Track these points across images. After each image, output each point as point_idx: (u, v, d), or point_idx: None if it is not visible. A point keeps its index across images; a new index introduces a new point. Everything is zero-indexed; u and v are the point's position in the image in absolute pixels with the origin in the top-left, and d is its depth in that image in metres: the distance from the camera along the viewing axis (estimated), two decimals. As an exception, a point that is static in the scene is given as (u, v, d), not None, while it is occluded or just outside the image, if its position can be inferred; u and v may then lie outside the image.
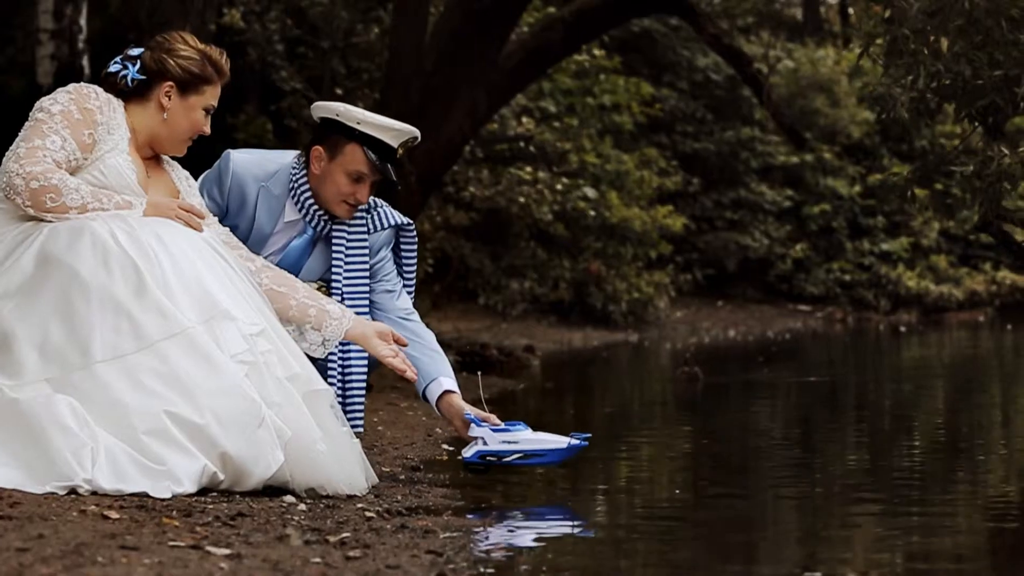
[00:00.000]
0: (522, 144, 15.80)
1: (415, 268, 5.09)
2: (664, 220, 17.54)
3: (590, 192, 16.21)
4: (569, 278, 16.63)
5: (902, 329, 18.02)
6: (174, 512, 3.84)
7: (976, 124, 8.15)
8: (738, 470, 5.63)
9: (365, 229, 4.94)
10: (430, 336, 4.98)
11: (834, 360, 13.02)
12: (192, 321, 4.19)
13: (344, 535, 3.75)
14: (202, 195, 4.89)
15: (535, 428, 4.84)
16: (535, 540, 3.94)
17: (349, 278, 4.91)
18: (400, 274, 5.03)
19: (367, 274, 4.92)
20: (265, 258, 4.89)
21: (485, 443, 4.80)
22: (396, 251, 5.05)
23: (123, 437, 4.08)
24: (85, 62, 10.73)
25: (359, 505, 4.29)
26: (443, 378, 4.88)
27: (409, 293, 5.06)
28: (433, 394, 4.88)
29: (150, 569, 3.14)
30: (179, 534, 3.57)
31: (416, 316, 5.01)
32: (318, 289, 4.98)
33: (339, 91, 13.86)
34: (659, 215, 17.49)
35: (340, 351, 4.86)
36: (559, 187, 15.90)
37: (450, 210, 14.94)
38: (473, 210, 15.65)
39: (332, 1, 13.94)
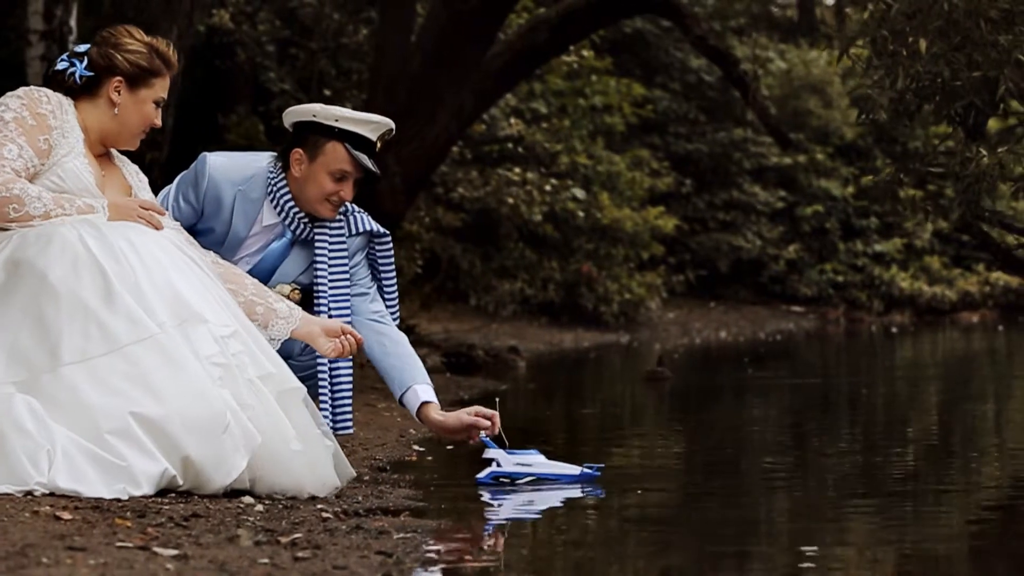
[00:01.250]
0: (510, 145, 15.81)
1: (395, 279, 5.09)
2: (655, 221, 17.55)
3: (579, 193, 16.22)
4: (560, 279, 16.64)
5: (894, 330, 18.03)
6: (128, 513, 3.85)
7: (956, 125, 8.17)
8: (696, 476, 5.63)
9: (344, 232, 4.95)
10: (403, 339, 4.99)
11: (821, 362, 13.02)
12: (163, 325, 4.19)
13: (296, 536, 3.75)
14: (177, 197, 4.90)
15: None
16: (490, 542, 3.94)
17: (333, 279, 4.92)
18: (380, 288, 5.04)
19: (348, 275, 4.93)
20: (240, 260, 4.90)
21: (499, 465, 4.89)
22: (371, 260, 5.05)
23: (87, 436, 4.08)
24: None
25: (318, 506, 4.29)
26: (417, 387, 4.91)
27: (391, 306, 5.06)
28: (411, 404, 4.92)
29: (93, 570, 3.14)
30: (129, 535, 3.57)
31: (388, 318, 5.02)
32: (291, 292, 4.99)
33: (327, 92, 13.88)
34: (650, 216, 17.49)
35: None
36: (548, 188, 15.91)
37: (439, 211, 14.94)
38: (464, 211, 15.66)
39: (321, 2, 13.96)
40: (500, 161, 16.08)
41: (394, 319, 5.08)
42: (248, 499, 4.22)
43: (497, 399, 5.15)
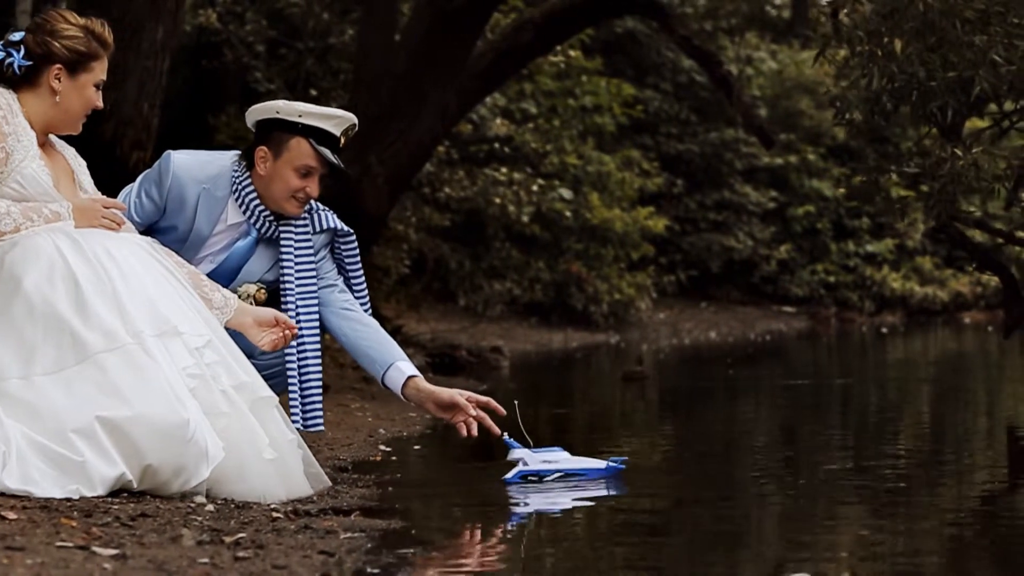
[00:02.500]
0: (496, 145, 15.81)
1: (362, 276, 5.09)
2: (645, 222, 17.54)
3: (566, 193, 16.21)
4: (550, 279, 16.64)
5: (884, 331, 18.02)
6: (75, 512, 3.85)
7: (932, 126, 8.17)
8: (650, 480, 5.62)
9: (309, 229, 4.95)
10: (375, 323, 4.99)
11: (805, 362, 13.02)
12: (140, 334, 4.21)
13: (240, 536, 3.75)
14: (140, 194, 4.91)
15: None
16: (436, 543, 3.94)
17: (300, 277, 4.92)
18: (348, 285, 5.05)
19: (315, 272, 4.94)
20: (204, 259, 4.91)
21: (526, 463, 4.93)
22: (337, 260, 5.05)
23: (49, 434, 4.09)
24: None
25: (271, 505, 4.29)
26: (400, 363, 4.87)
27: (362, 301, 5.06)
28: (396, 381, 4.86)
29: (29, 570, 3.14)
30: (72, 535, 3.57)
31: (358, 306, 5.02)
32: (257, 291, 4.99)
33: (314, 92, 13.88)
34: (640, 216, 17.49)
35: (297, 348, 4.87)
36: (535, 188, 15.91)
37: (426, 211, 14.94)
38: (453, 211, 15.66)
39: (308, 2, 13.95)
40: (488, 161, 16.08)
41: (365, 312, 5.07)
42: (200, 499, 4.23)
43: (516, 401, 5.14)
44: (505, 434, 4.98)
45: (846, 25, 8.18)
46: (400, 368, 4.84)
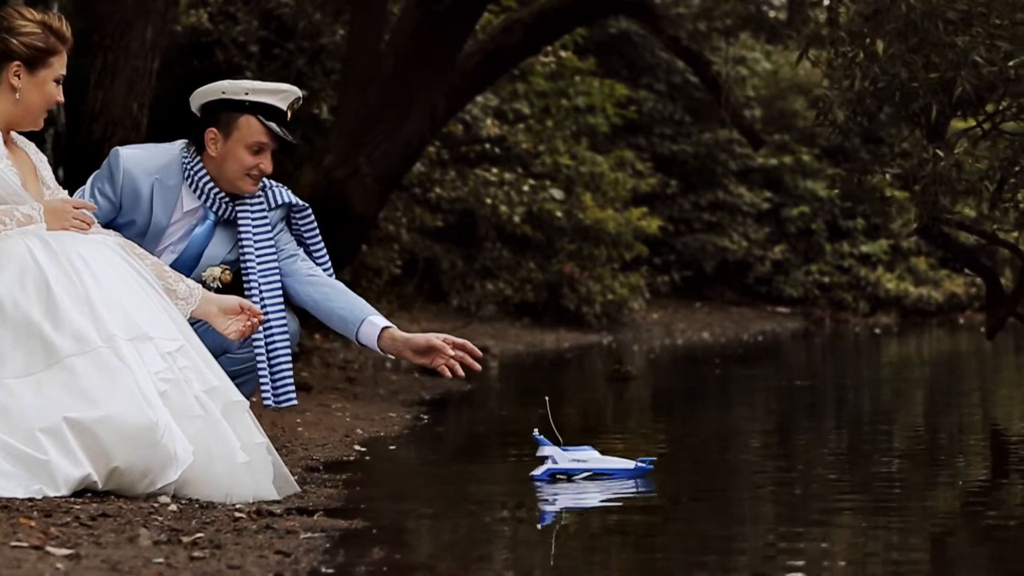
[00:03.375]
0: (487, 146, 15.80)
1: (323, 248, 5.10)
2: (638, 222, 17.54)
3: (557, 193, 16.21)
4: (542, 280, 16.63)
5: (877, 331, 18.02)
6: (35, 512, 3.85)
7: (915, 127, 8.17)
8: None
9: (264, 206, 4.99)
10: (341, 285, 4.99)
11: (797, 363, 13.01)
12: (113, 339, 4.22)
13: (199, 536, 3.75)
14: (93, 193, 4.92)
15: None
16: (396, 544, 3.94)
17: (260, 253, 4.95)
18: (310, 256, 5.06)
19: (274, 247, 4.97)
20: (164, 249, 4.92)
21: (555, 462, 4.97)
22: (297, 235, 5.07)
23: (15, 433, 4.10)
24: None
25: (236, 505, 4.29)
26: (371, 317, 4.87)
27: (326, 271, 5.08)
28: (370, 336, 4.84)
29: (-20, 569, 3.14)
30: (29, 535, 3.58)
31: (321, 272, 5.02)
32: (222, 273, 5.01)
33: (304, 92, 13.86)
34: (633, 217, 17.48)
35: (262, 328, 4.89)
36: (526, 188, 15.90)
37: (417, 211, 14.93)
38: (445, 212, 15.65)
39: (299, 2, 13.96)
40: (479, 162, 16.08)
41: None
42: (164, 499, 4.23)
43: (547, 397, 5.19)
44: (535, 431, 5.02)
45: (827, 26, 8.19)
46: (372, 322, 4.84)
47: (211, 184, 4.87)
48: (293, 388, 4.97)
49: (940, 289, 20.54)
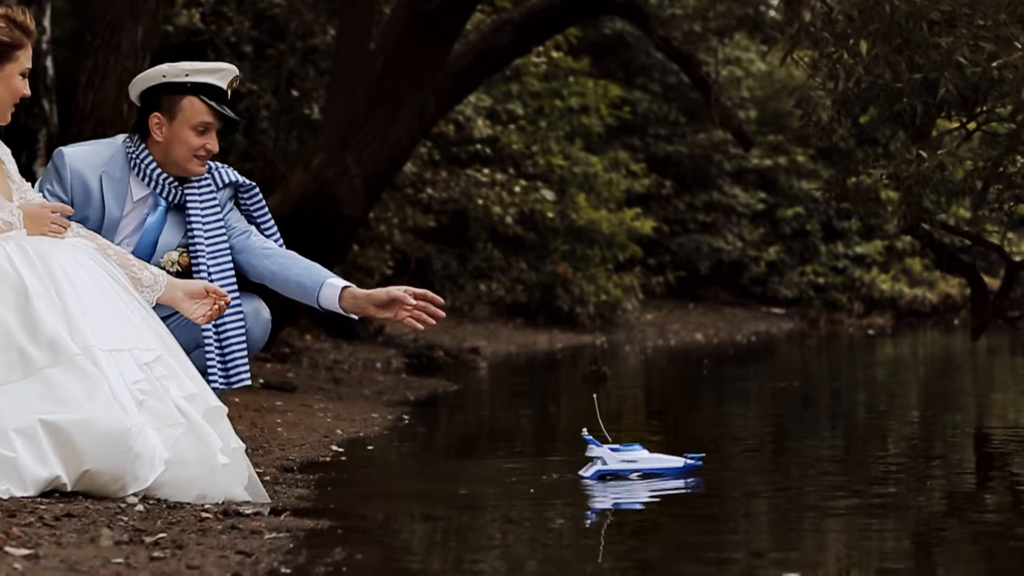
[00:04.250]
0: (478, 146, 15.79)
1: (273, 225, 5.12)
2: (632, 223, 17.52)
3: (548, 194, 16.19)
4: (535, 280, 16.62)
5: (870, 332, 18.00)
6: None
7: (900, 127, 8.16)
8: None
9: (212, 187, 5.02)
10: (296, 255, 5.00)
11: (786, 365, 13.00)
12: (90, 349, 4.23)
13: (162, 536, 3.75)
14: (44, 196, 4.92)
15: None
16: (359, 544, 3.93)
17: (209, 236, 4.98)
18: (261, 232, 5.08)
19: (223, 228, 4.99)
20: (121, 242, 4.93)
21: (605, 463, 5.02)
22: (246, 214, 5.09)
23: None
24: (48, 63, 10.75)
25: (206, 506, 4.29)
26: (330, 280, 4.88)
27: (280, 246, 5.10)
28: (331, 299, 4.84)
29: (-64, 569, 3.15)
30: (-9, 534, 3.58)
31: (275, 245, 5.04)
32: (180, 256, 5.02)
33: (295, 92, 13.89)
34: (627, 218, 17.46)
35: None
36: (517, 189, 15.89)
37: (408, 211, 14.92)
38: (439, 212, 15.64)
39: (289, 2, 13.96)
40: (471, 162, 16.07)
41: None
42: (132, 499, 4.23)
43: (595, 395, 5.22)
44: (584, 430, 5.06)
45: (815, 26, 8.18)
46: (332, 284, 4.85)
47: (158, 170, 4.90)
48: (247, 368, 4.93)
49: (935, 290, 20.51)
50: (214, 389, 4.64)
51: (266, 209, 5.08)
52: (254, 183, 5.07)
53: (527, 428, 7.46)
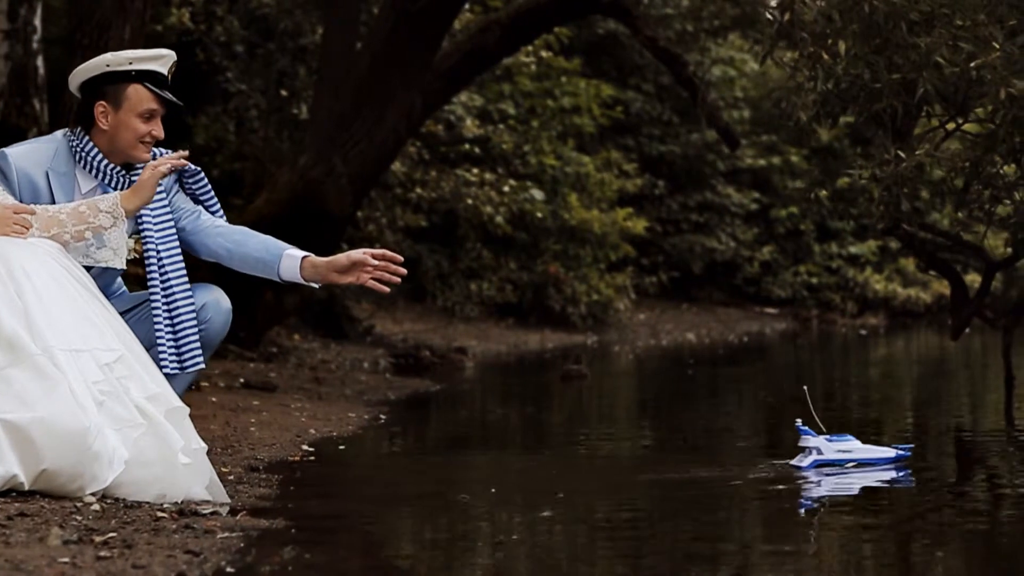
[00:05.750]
0: (467, 146, 15.79)
1: (219, 206, 5.13)
2: (624, 223, 17.51)
3: (537, 194, 16.18)
4: (527, 280, 16.61)
5: (863, 332, 17.99)
6: (-48, 512, 3.86)
7: (880, 127, 8.15)
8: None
9: None
10: (249, 230, 5.03)
11: (774, 365, 12.99)
12: (50, 349, 4.24)
13: (112, 535, 3.75)
14: None
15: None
16: (309, 543, 3.93)
17: (157, 220, 4.98)
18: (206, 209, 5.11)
19: (170, 212, 5.00)
20: None
21: (820, 452, 5.15)
22: (193, 197, 5.09)
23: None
24: (39, 62, 10.76)
25: (164, 505, 4.29)
26: (288, 251, 4.90)
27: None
28: (291, 269, 4.86)
29: None
30: (-61, 534, 3.58)
31: (225, 223, 5.07)
32: (136, 244, 5.04)
33: (284, 92, 13.89)
34: (619, 217, 17.45)
35: (163, 291, 4.90)
36: (506, 189, 15.89)
37: (397, 211, 14.91)
38: (428, 212, 15.63)
39: (278, 2, 13.96)
40: (460, 162, 16.06)
41: None
42: (90, 498, 4.23)
43: (805, 387, 5.34)
44: (798, 421, 5.18)
45: (793, 25, 8.17)
46: (291, 255, 4.87)
47: (104, 160, 4.92)
48: (200, 353, 4.91)
49: (928, 290, 20.49)
50: (167, 375, 4.64)
51: (212, 192, 5.11)
52: (199, 168, 5.09)
53: (501, 427, 7.46)
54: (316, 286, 4.94)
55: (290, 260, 4.84)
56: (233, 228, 4.99)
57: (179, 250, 4.94)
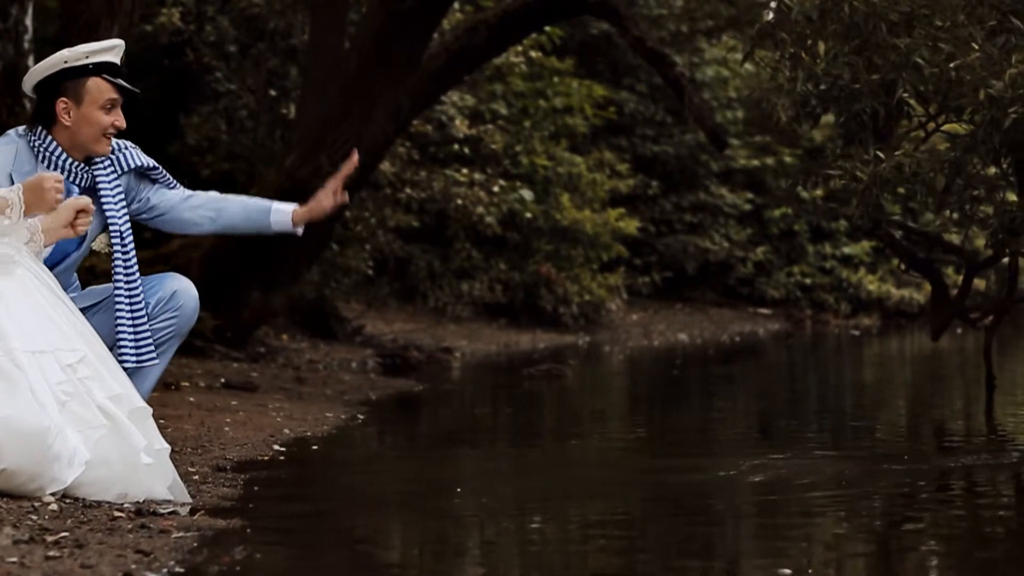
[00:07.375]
0: (456, 146, 15.79)
1: (172, 179, 5.19)
2: (616, 223, 17.50)
3: (527, 195, 16.17)
4: (519, 280, 16.61)
5: (855, 333, 17.98)
6: (-94, 511, 3.86)
7: (860, 128, 8.14)
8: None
9: (115, 170, 5.06)
10: (217, 194, 5.15)
11: (762, 365, 12.99)
12: (11, 352, 4.24)
13: (64, 535, 3.75)
14: None
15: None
16: (263, 543, 3.93)
17: (121, 211, 5.01)
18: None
19: (126, 206, 5.04)
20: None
21: None
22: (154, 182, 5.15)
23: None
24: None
25: (125, 505, 4.29)
26: (275, 205, 5.09)
27: None
28: (283, 219, 5.05)
29: None
30: None
31: (192, 192, 5.16)
32: (109, 243, 5.05)
33: (273, 92, 13.89)
34: (611, 218, 17.45)
35: (127, 285, 4.91)
36: (496, 189, 15.88)
37: (387, 211, 14.91)
38: (421, 212, 15.63)
39: (269, 2, 13.96)
40: (450, 162, 16.06)
41: None
42: (48, 498, 4.23)
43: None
44: None
45: (775, 27, 8.17)
46: (279, 209, 5.07)
47: (66, 156, 4.94)
48: (153, 346, 4.96)
49: (922, 291, 20.46)
50: (127, 369, 4.66)
51: (175, 182, 5.16)
52: (158, 164, 5.12)
53: (477, 428, 7.45)
54: (299, 232, 5.09)
55: (279, 214, 5.03)
56: (206, 196, 5.11)
57: (133, 246, 4.98)
